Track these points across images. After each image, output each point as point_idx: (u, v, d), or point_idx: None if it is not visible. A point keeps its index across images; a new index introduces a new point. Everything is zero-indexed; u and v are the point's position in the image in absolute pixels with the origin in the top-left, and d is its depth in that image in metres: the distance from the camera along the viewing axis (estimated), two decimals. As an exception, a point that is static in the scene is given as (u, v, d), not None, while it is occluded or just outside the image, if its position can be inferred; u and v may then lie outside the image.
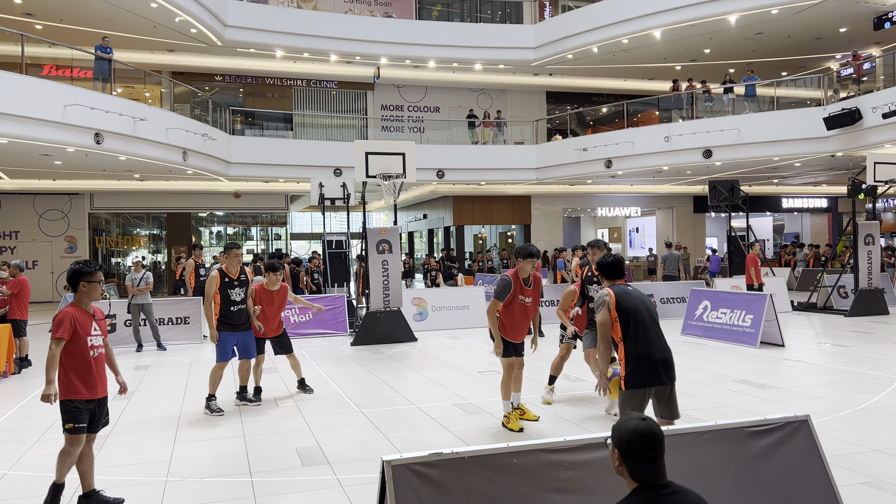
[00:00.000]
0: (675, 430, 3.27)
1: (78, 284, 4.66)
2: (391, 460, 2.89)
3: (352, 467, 5.34)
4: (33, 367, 10.38)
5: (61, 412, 4.50)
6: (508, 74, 25.61)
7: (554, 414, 6.89)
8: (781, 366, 9.35)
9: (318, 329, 13.32)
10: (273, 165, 21.19)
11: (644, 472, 2.24)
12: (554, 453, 3.08)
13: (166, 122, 16.94)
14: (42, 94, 13.56)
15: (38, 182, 21.87)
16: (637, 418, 2.30)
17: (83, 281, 4.66)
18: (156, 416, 7.17)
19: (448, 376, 9.02)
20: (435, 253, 27.99)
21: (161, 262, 25.65)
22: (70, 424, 4.47)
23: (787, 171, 22.95)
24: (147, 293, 11.86)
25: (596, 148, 21.58)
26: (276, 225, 28.04)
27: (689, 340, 11.83)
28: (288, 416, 7.09)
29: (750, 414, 6.75)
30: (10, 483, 5.17)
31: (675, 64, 23.98)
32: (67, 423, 4.47)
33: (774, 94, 20.22)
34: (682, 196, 29.38)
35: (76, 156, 16.13)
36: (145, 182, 22.63)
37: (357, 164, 12.53)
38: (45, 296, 23.19)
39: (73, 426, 4.47)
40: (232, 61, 23.08)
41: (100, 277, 4.77)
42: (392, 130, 25.94)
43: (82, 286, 4.66)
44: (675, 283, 16.05)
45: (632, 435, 2.25)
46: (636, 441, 2.24)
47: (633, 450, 2.24)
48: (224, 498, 4.75)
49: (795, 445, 3.39)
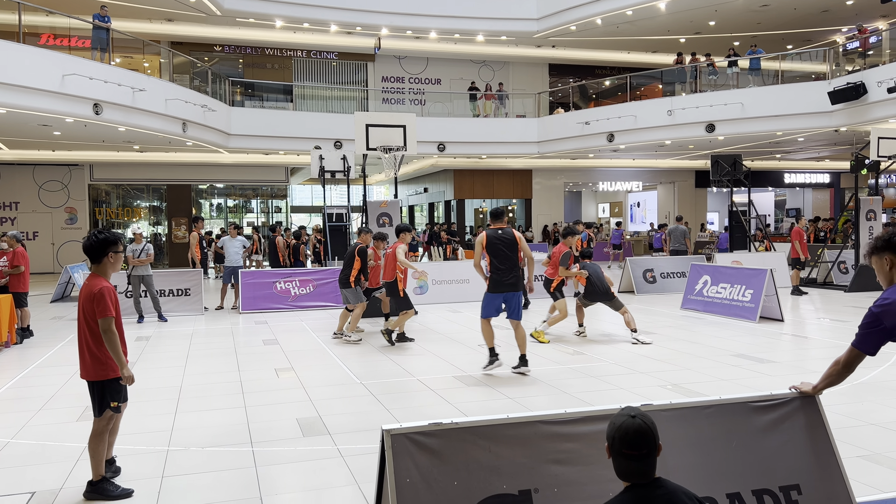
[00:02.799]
0: (678, 403, 3.28)
1: (106, 255, 4.37)
2: (391, 429, 2.91)
3: (352, 438, 5.38)
4: (35, 337, 10.43)
5: (103, 392, 4.34)
6: (511, 46, 25.34)
7: (553, 387, 6.93)
8: (780, 340, 9.38)
9: (319, 302, 13.35)
10: (273, 137, 21.08)
11: (627, 469, 2.22)
12: (553, 425, 3.10)
13: (165, 93, 16.81)
14: (40, 63, 13.43)
15: (38, 153, 21.78)
16: (627, 415, 2.25)
17: (112, 251, 4.38)
18: (157, 387, 7.22)
19: (448, 349, 9.06)
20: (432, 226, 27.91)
21: (162, 233, 25.64)
22: (115, 403, 4.37)
23: (790, 145, 22.82)
24: (147, 264, 11.86)
25: (598, 121, 21.43)
26: (276, 198, 27.97)
27: (688, 315, 11.87)
28: (288, 387, 7.13)
29: (748, 388, 6.79)
30: (12, 451, 5.22)
31: (679, 37, 23.71)
32: (113, 402, 4.36)
33: (779, 68, 20.03)
34: (683, 171, 29.27)
35: (75, 126, 16.03)
36: (145, 153, 22.52)
37: (357, 136, 12.45)
38: (46, 267, 23.22)
39: (118, 404, 4.40)
40: (231, 31, 22.82)
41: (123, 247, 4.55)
42: (393, 103, 25.74)
43: (110, 257, 4.38)
44: (676, 258, 16.05)
45: (617, 432, 2.22)
46: (620, 438, 2.21)
47: (617, 447, 2.22)
48: (225, 467, 4.80)
49: (801, 421, 3.39)
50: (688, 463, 3.16)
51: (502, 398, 6.51)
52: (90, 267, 4.48)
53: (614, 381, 7.13)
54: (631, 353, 8.60)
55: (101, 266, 4.39)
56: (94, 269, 4.41)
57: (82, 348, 4.35)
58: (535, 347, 9.01)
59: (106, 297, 4.24)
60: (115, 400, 4.38)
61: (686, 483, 3.03)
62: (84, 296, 4.31)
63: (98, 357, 4.31)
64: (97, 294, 4.23)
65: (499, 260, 7.39)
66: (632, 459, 2.21)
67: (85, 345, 4.33)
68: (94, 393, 4.39)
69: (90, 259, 4.40)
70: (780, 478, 3.24)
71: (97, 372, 4.33)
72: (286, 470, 4.74)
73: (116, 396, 4.39)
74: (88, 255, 4.39)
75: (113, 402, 4.37)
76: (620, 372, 7.58)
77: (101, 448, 4.35)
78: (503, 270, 7.38)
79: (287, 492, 4.37)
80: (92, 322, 4.28)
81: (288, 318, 12.17)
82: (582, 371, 7.64)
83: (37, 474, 4.72)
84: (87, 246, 4.37)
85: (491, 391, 6.78)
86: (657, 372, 7.54)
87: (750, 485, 3.19)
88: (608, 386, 6.95)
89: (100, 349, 4.30)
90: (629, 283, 15.18)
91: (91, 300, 4.25)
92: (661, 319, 11.38)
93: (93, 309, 4.25)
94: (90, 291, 4.26)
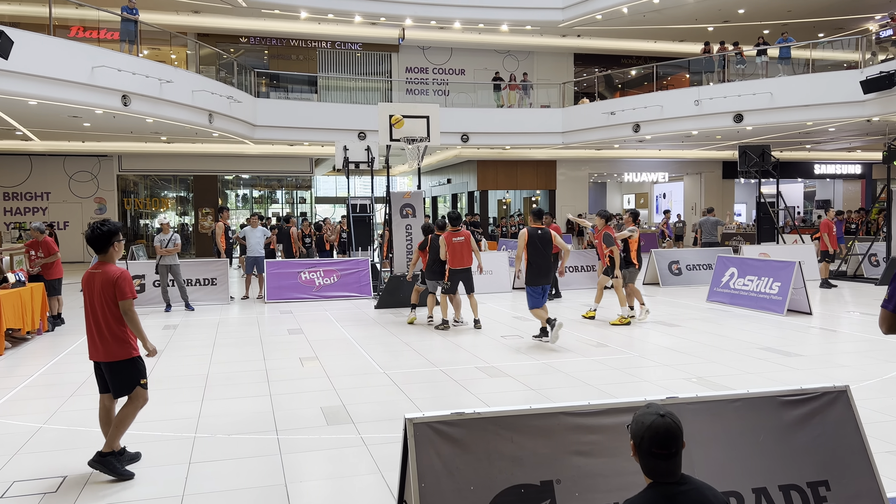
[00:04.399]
0: (704, 396, 3.25)
1: (111, 244, 4.63)
2: (414, 418, 2.92)
3: (375, 426, 5.42)
4: (65, 325, 10.64)
5: (130, 371, 4.55)
6: (535, 36, 25.14)
7: (576, 378, 6.90)
8: (808, 334, 9.24)
9: (343, 292, 13.43)
10: (298, 128, 21.18)
11: (655, 468, 2.22)
12: (576, 416, 3.09)
13: (192, 85, 16.97)
14: (70, 55, 13.64)
15: (68, 144, 22.14)
16: (655, 413, 2.25)
17: (116, 240, 4.66)
18: (184, 375, 7.33)
19: (471, 340, 9.07)
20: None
21: (188, 223, 25.96)
22: (144, 380, 4.62)
23: (820, 136, 22.38)
24: (175, 254, 12.02)
25: (624, 112, 21.20)
26: (300, 188, 28.15)
27: (714, 307, 11.73)
28: (313, 376, 7.20)
29: (775, 382, 6.71)
30: (44, 436, 5.34)
31: (707, 25, 23.33)
32: (143, 379, 4.61)
33: (810, 57, 19.60)
34: (710, 161, 28.86)
35: (104, 118, 16.26)
36: (172, 144, 22.78)
37: (381, 127, 12.46)
38: (76, 256, 23.65)
39: (146, 381, 4.64)
40: (257, 23, 22.94)
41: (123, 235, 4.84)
42: (416, 93, 25.70)
43: (115, 246, 4.65)
44: (702, 250, 15.87)
45: (646, 431, 2.21)
46: (650, 438, 2.20)
47: (646, 446, 2.21)
48: (251, 454, 4.86)
49: (832, 416, 3.33)
50: (713, 457, 3.13)
51: (525, 389, 6.50)
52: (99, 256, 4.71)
53: (638, 374, 7.09)
54: (655, 346, 8.53)
55: (109, 255, 4.66)
56: (102, 257, 4.67)
57: (101, 332, 4.54)
58: (564, 340, 8.98)
59: (127, 280, 4.51)
60: (144, 377, 4.64)
61: (711, 477, 3.00)
62: (101, 281, 4.52)
63: (121, 338, 4.53)
64: (118, 279, 4.50)
65: (539, 256, 8.50)
66: (661, 459, 2.20)
67: (105, 328, 4.52)
68: (117, 373, 4.56)
69: (96, 249, 4.64)
70: (809, 473, 3.20)
71: (122, 351, 4.54)
72: (310, 458, 4.79)
73: (144, 373, 4.65)
74: (94, 246, 4.63)
75: (143, 379, 4.61)
76: (644, 364, 7.53)
77: (128, 423, 4.59)
78: (542, 266, 8.50)
79: (311, 479, 4.41)
80: (113, 305, 4.51)
81: (312, 308, 12.27)
82: (605, 363, 7.61)
83: (68, 459, 4.83)
84: (93, 237, 4.61)
85: (513, 382, 6.78)
86: (682, 364, 7.48)
87: (777, 480, 3.16)
88: (632, 378, 6.91)
89: (122, 330, 4.53)
90: (654, 275, 15.05)
91: (112, 284, 4.50)
92: (687, 312, 11.27)
93: (113, 293, 4.49)
94: (108, 277, 4.51)
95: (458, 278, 10.00)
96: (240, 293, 14.15)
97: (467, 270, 9.98)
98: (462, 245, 9.88)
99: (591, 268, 14.80)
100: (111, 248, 4.63)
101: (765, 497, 3.11)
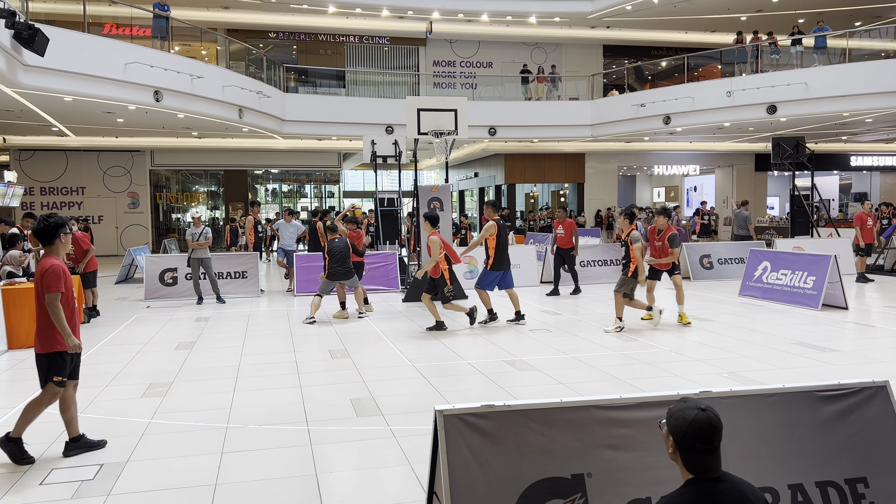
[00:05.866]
0: (739, 391, 3.20)
1: (57, 236, 4.67)
2: (444, 410, 2.92)
3: (404, 419, 5.44)
4: (101, 317, 10.85)
5: (46, 365, 4.59)
6: (564, 27, 24.93)
7: (605, 373, 6.85)
8: (843, 329, 9.05)
9: (371, 285, 13.49)
10: (326, 123, 21.31)
11: (700, 464, 2.18)
12: (608, 410, 3.06)
13: (222, 80, 17.16)
14: (104, 52, 13.87)
15: (102, 139, 22.57)
16: (696, 408, 2.21)
17: (62, 233, 4.69)
18: (216, 366, 7.43)
19: (499, 334, 9.05)
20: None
21: (219, 218, 26.30)
22: (59, 377, 4.62)
23: (857, 127, 21.86)
24: (206, 248, 12.18)
25: (654, 104, 20.94)
26: (329, 182, 28.34)
27: (746, 302, 11.55)
28: (342, 368, 7.25)
29: (810, 377, 6.59)
30: (81, 425, 5.44)
31: (739, 14, 22.91)
32: (56, 376, 4.60)
33: (846, 46, 19.14)
34: (743, 154, 28.39)
35: (137, 113, 16.53)
36: (203, 140, 23.09)
37: (409, 120, 12.47)
38: (110, 249, 24.12)
39: (61, 379, 4.63)
40: (285, 18, 23.11)
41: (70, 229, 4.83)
42: (444, 87, 25.68)
43: (61, 238, 4.69)
44: (734, 244, 15.63)
45: (689, 426, 2.17)
46: (694, 433, 2.16)
47: (689, 441, 2.17)
48: (282, 444, 4.92)
49: (870, 412, 3.25)
50: (748, 452, 3.09)
51: (553, 383, 6.47)
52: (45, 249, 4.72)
53: (669, 368, 7.01)
54: (686, 340, 8.43)
55: (54, 247, 4.69)
56: (48, 250, 4.68)
57: (37, 322, 4.63)
58: (592, 334, 8.92)
59: (53, 273, 4.51)
60: (60, 375, 4.62)
61: (746, 473, 2.96)
62: (37, 274, 4.58)
63: (45, 330, 4.59)
64: (46, 271, 4.52)
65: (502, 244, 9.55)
66: (705, 453, 2.17)
67: (39, 318, 4.61)
68: (37, 364, 4.63)
69: (42, 242, 4.68)
70: (846, 470, 3.13)
71: (42, 344, 4.60)
72: (340, 449, 4.83)
73: (61, 371, 4.62)
74: (40, 239, 4.67)
75: (56, 377, 4.61)
76: (675, 359, 7.45)
77: (34, 414, 4.64)
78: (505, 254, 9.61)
79: (341, 470, 4.45)
80: (42, 297, 4.56)
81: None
82: (635, 357, 7.54)
83: (105, 447, 4.93)
84: (38, 230, 4.65)
85: (542, 376, 6.75)
86: (713, 359, 7.38)
87: (813, 476, 3.10)
88: (663, 373, 6.84)
89: (47, 323, 4.57)
90: (685, 268, 14.86)
91: (41, 277, 4.53)
92: (718, 306, 11.11)
93: (41, 285, 4.53)
94: (41, 269, 4.54)
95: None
96: (282, 286, 14.39)
97: None
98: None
99: (618, 261, 14.66)
100: (57, 240, 4.67)
101: (801, 493, 3.06)
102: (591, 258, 14.65)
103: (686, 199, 32.24)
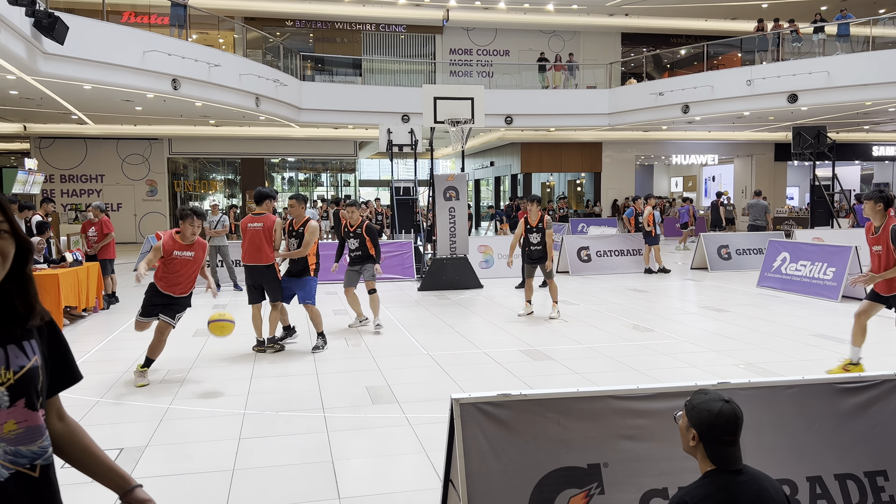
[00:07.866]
0: (757, 382, 3.17)
1: None
2: (460, 399, 2.92)
3: (419, 407, 5.46)
4: (120, 303, 10.97)
5: None
6: (582, 15, 24.70)
7: (621, 363, 6.83)
8: (864, 321, 8.93)
9: (387, 274, 13.51)
10: (342, 111, 21.31)
11: (724, 456, 2.17)
12: (625, 400, 3.05)
13: (239, 68, 17.20)
14: (122, 40, 13.95)
15: (121, 127, 22.74)
16: (720, 399, 2.19)
17: None
18: (233, 353, 7.50)
19: (514, 323, 9.05)
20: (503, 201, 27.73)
21: (236, 205, 26.45)
22: None
23: (879, 116, 21.50)
24: (223, 235, 12.25)
25: (673, 92, 20.72)
26: (344, 171, 28.39)
27: (764, 293, 11.45)
28: (358, 356, 7.28)
29: (828, 369, 6.52)
30: (101, 410, 5.53)
31: (761, 2, 22.58)
32: None
33: (870, 34, 18.80)
34: (762, 143, 28.05)
35: (155, 101, 16.62)
36: (220, 128, 23.18)
37: (425, 109, 12.43)
38: (129, 237, 24.35)
39: None
40: (302, 6, 23.10)
41: None
42: (460, 75, 25.58)
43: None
44: (752, 234, 15.47)
45: (716, 419, 2.15)
46: (721, 426, 2.15)
47: (716, 434, 2.16)
48: (298, 431, 4.95)
49: (891, 405, 3.20)
50: (766, 444, 3.06)
51: (569, 373, 6.46)
52: None
53: (685, 359, 6.97)
54: (704, 331, 8.38)
55: None
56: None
57: None
58: (608, 324, 8.89)
59: None
60: None
61: (764, 465, 2.93)
62: None
63: None
64: None
65: None
66: (729, 445, 2.17)
67: None
68: None
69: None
70: (866, 463, 3.10)
71: None
72: (356, 436, 4.86)
73: None
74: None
75: None
76: (692, 350, 7.40)
77: None
78: None
79: (357, 457, 4.48)
80: None
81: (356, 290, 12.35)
82: (652, 348, 7.50)
83: (124, 431, 5.00)
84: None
85: (558, 365, 6.74)
86: (731, 350, 7.33)
87: (833, 469, 3.07)
88: (680, 363, 6.80)
89: None
90: (703, 259, 14.75)
91: None
92: (736, 297, 11.02)
93: None
94: None
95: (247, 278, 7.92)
96: None
97: (260, 268, 7.67)
98: (255, 233, 7.48)
99: (637, 251, 14.57)
100: None
101: (819, 486, 3.03)
102: (608, 248, 14.57)
103: (704, 188, 31.95)
